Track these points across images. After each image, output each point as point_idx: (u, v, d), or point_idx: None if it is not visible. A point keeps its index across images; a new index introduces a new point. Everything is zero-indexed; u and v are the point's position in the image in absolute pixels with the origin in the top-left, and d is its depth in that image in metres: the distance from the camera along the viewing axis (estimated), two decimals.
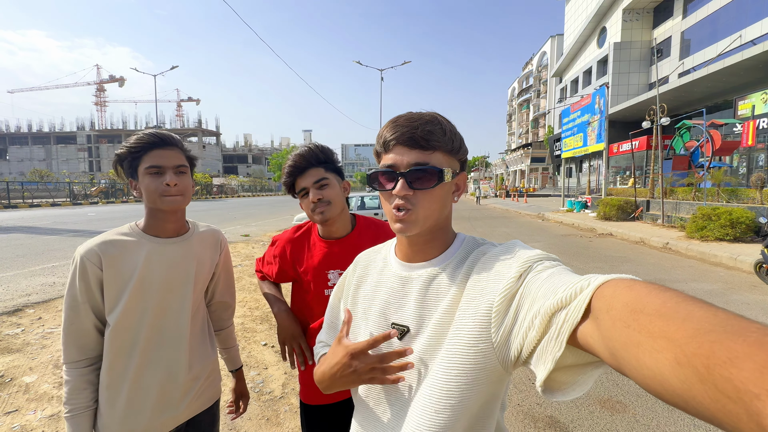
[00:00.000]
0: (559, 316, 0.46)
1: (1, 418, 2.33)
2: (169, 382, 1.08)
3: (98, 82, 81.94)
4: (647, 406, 2.49)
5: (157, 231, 1.08)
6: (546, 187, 45.57)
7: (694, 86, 16.25)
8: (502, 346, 0.54)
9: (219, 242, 1.24)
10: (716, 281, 5.54)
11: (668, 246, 8.31)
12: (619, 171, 24.82)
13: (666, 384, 0.33)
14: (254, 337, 3.59)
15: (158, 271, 1.05)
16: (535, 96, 60.73)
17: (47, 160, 73.36)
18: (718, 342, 0.29)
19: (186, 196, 1.07)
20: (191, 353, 1.13)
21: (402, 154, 0.63)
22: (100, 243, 1.02)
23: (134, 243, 1.04)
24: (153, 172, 1.02)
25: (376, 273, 0.75)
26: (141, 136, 1.04)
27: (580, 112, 17.93)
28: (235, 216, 17.58)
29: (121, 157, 1.04)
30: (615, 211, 13.00)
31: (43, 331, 3.73)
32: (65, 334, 1.01)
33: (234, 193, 51.12)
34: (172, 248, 1.09)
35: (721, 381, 0.28)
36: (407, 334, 0.66)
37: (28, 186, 29.82)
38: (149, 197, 1.03)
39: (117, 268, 1.01)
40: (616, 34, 28.19)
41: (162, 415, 1.08)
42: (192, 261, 1.12)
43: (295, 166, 1.16)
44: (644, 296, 0.38)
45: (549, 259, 0.57)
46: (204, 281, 1.17)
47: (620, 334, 0.37)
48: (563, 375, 0.48)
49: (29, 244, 8.83)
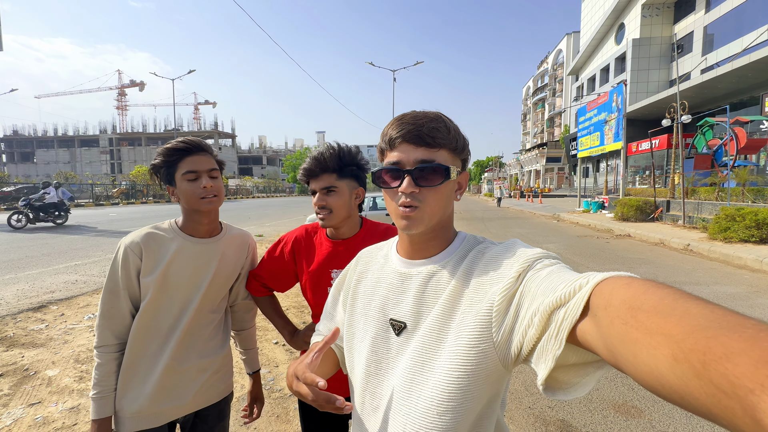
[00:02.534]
0: (558, 314, 0.46)
1: (26, 409, 2.43)
2: (175, 371, 1.12)
3: (119, 86, 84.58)
4: (664, 411, 2.41)
5: (192, 230, 1.17)
6: (562, 188, 44.74)
7: (717, 82, 15.69)
8: (503, 345, 0.54)
9: (247, 245, 1.30)
10: (740, 284, 5.33)
11: (689, 247, 8.04)
12: (637, 171, 24.16)
13: (663, 380, 0.33)
14: (266, 336, 3.65)
15: (183, 267, 1.12)
16: (550, 95, 59.75)
17: (72, 163, 76.09)
18: (714, 338, 0.29)
19: (220, 197, 1.14)
20: (202, 346, 1.18)
21: (408, 151, 0.63)
22: (144, 235, 1.11)
23: (170, 239, 1.13)
24: (190, 178, 1.10)
25: (377, 269, 0.75)
26: (175, 144, 1.11)
27: (596, 110, 17.52)
28: (249, 216, 17.87)
29: (157, 167, 1.13)
30: (633, 211, 12.65)
31: (65, 327, 3.87)
32: (102, 318, 1.08)
33: (249, 194, 51.99)
34: (201, 248, 1.17)
35: (717, 376, 0.28)
36: (404, 330, 0.66)
37: None
38: (188, 200, 1.11)
39: (151, 259, 1.10)
40: (634, 30, 27.48)
41: (167, 402, 1.12)
42: (215, 260, 1.19)
43: (309, 170, 1.19)
44: (642, 293, 0.38)
45: (548, 258, 0.56)
46: (226, 280, 1.22)
47: (618, 331, 0.38)
48: (565, 374, 0.48)
49: (54, 243, 9.18)
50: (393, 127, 0.65)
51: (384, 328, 0.69)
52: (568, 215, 15.90)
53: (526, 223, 14.14)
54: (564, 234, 10.97)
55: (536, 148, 49.78)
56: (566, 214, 16.53)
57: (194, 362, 1.16)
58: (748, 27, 19.58)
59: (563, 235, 10.82)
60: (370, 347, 0.70)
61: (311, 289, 1.24)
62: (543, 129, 63.09)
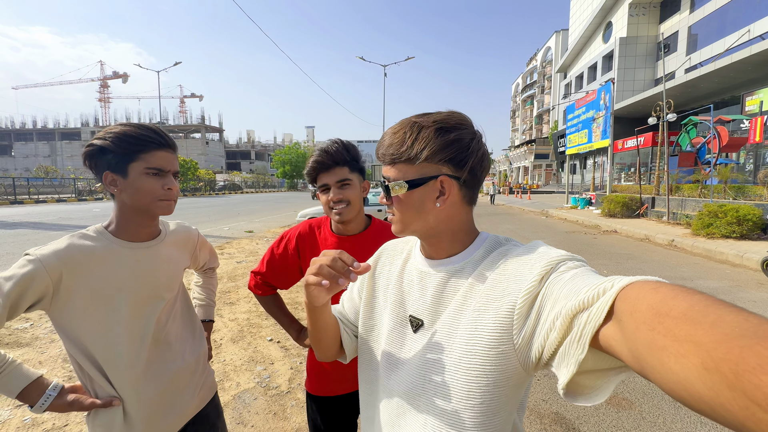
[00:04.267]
0: (581, 318, 0.45)
1: (13, 411, 2.36)
2: (169, 383, 1.06)
3: (102, 78, 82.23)
4: (653, 403, 2.49)
5: (129, 235, 1.01)
6: (550, 184, 45.36)
7: (701, 82, 16.06)
8: (523, 348, 0.54)
9: (190, 237, 1.22)
10: (722, 279, 5.51)
11: (674, 243, 8.26)
12: (623, 168, 24.64)
13: (692, 390, 0.32)
14: (260, 333, 3.62)
15: (125, 279, 0.98)
16: (539, 92, 60.31)
17: (52, 156, 73.81)
18: (748, 347, 0.28)
19: (176, 201, 1.04)
20: (184, 352, 1.11)
21: (384, 169, 0.69)
22: (64, 249, 0.92)
23: (102, 248, 0.96)
24: (153, 173, 0.96)
25: (400, 264, 0.77)
26: (146, 131, 0.95)
27: (585, 108, 17.78)
28: (238, 212, 17.63)
29: (104, 149, 0.92)
30: (620, 207, 12.93)
31: (51, 325, 3.76)
32: None
33: (237, 189, 51.30)
34: (144, 253, 1.03)
35: (751, 388, 0.27)
36: (422, 327, 0.67)
37: (33, 182, 29.99)
38: (142, 199, 0.96)
39: (83, 277, 0.92)
40: (622, 29, 27.87)
41: (166, 418, 1.05)
42: (163, 265, 1.07)
43: (321, 162, 1.16)
44: (670, 299, 0.37)
45: (573, 260, 0.55)
46: (179, 278, 1.14)
47: (645, 337, 0.37)
48: (586, 379, 0.47)
49: (35, 239, 8.90)
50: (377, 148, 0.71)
51: (402, 324, 0.70)
52: (556, 211, 16.15)
53: (515, 219, 14.31)
54: (553, 230, 11.15)
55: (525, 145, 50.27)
56: (555, 210, 16.78)
57: (179, 367, 1.08)
58: (731, 28, 20.08)
59: (552, 230, 10.99)
60: (385, 341, 0.71)
61: None
62: (532, 126, 63.74)
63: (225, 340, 3.45)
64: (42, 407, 0.92)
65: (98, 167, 0.95)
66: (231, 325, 3.80)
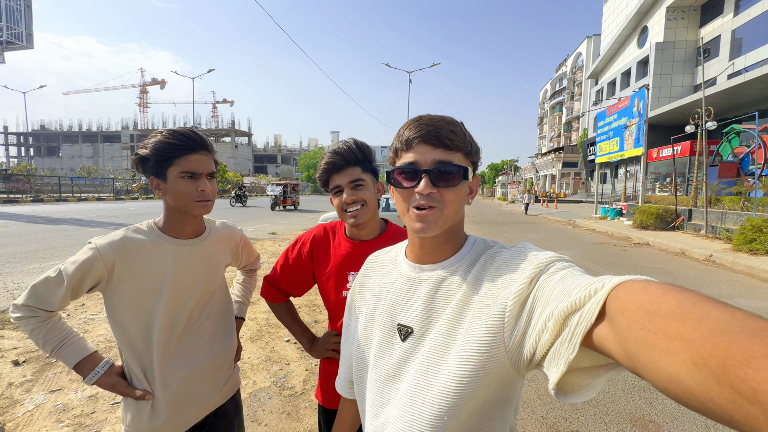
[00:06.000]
0: (572, 319, 0.45)
1: (47, 396, 2.51)
2: (196, 375, 1.10)
3: (141, 84, 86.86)
4: (683, 428, 2.33)
5: (175, 232, 1.08)
6: (578, 193, 43.85)
7: (745, 88, 15.13)
8: (515, 350, 0.53)
9: (234, 236, 1.27)
10: (766, 298, 5.12)
11: (712, 258, 7.77)
12: (657, 178, 23.50)
13: (683, 386, 0.32)
14: (278, 333, 3.68)
15: (169, 273, 1.04)
16: (568, 98, 58.70)
17: (95, 158, 78.60)
18: (735, 342, 0.29)
19: (214, 200, 1.08)
20: (212, 347, 1.15)
21: (425, 152, 0.63)
22: (119, 240, 1.01)
23: (151, 243, 1.04)
24: (188, 176, 1.01)
25: (385, 274, 0.75)
26: (178, 137, 1.00)
27: (616, 115, 17.13)
28: (263, 214, 18.09)
29: (145, 158, 1.01)
30: (653, 219, 12.31)
31: (85, 317, 3.98)
32: (35, 290, 0.97)
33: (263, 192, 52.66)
34: (188, 250, 1.09)
35: (738, 381, 0.28)
36: (411, 335, 0.65)
37: (76, 181, 32.03)
38: (180, 201, 1.02)
39: (129, 266, 1.00)
40: (658, 33, 26.76)
41: (188, 408, 1.10)
42: (205, 262, 1.13)
43: (333, 163, 1.12)
44: (659, 297, 0.37)
45: (561, 261, 0.55)
46: (218, 275, 1.18)
47: (636, 335, 0.37)
48: (576, 377, 0.47)
49: (76, 235, 9.47)
50: (410, 128, 0.65)
51: (390, 334, 0.68)
52: (584, 221, 15.58)
53: (540, 229, 13.91)
54: (580, 240, 10.75)
55: (552, 152, 48.94)
56: (582, 220, 16.20)
57: (207, 361, 1.12)
58: None
59: (579, 241, 10.60)
60: (375, 353, 0.70)
61: (328, 291, 1.20)
62: (560, 133, 61.99)
63: (244, 338, 3.53)
64: (91, 380, 1.02)
65: (145, 173, 1.05)
66: (250, 324, 3.89)
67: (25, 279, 5.36)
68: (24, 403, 2.42)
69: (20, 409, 2.35)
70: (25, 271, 5.77)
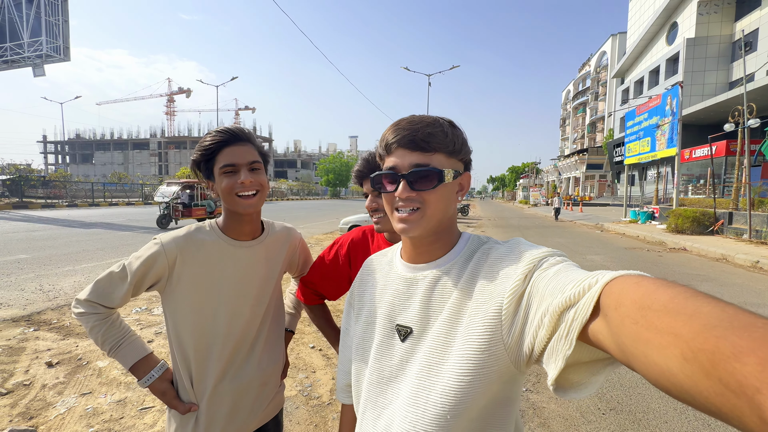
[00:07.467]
0: (567, 314, 0.45)
1: (78, 399, 2.52)
2: (242, 389, 1.04)
3: (169, 93, 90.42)
4: None
5: (234, 233, 1.05)
6: (603, 196, 42.34)
7: None
8: (514, 347, 0.54)
9: (292, 239, 1.21)
10: None
11: (759, 265, 7.24)
12: (690, 179, 22.38)
13: (674, 380, 0.33)
14: (302, 339, 3.62)
15: (226, 275, 1.01)
16: (592, 99, 57.11)
17: (125, 164, 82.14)
18: (723, 337, 0.29)
19: (262, 193, 1.01)
20: (261, 359, 1.08)
21: (403, 156, 0.64)
22: (183, 237, 1.00)
23: (212, 243, 1.02)
24: (227, 171, 0.97)
25: (382, 276, 0.75)
26: (213, 134, 0.99)
27: (647, 114, 16.40)
28: (284, 218, 18.31)
29: (196, 162, 1.01)
30: (689, 223, 11.66)
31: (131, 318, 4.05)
32: (98, 285, 0.97)
33: (283, 196, 53.57)
34: (245, 252, 1.05)
35: (726, 375, 0.28)
36: (410, 335, 0.65)
37: (108, 187, 33.52)
38: (224, 198, 0.99)
39: (191, 266, 0.99)
40: (689, 29, 25.67)
41: (230, 425, 1.04)
42: (262, 266, 1.08)
43: (361, 172, 1.16)
44: (652, 292, 0.38)
45: (554, 256, 0.56)
46: (273, 281, 1.12)
47: (629, 330, 0.37)
48: (575, 373, 0.48)
49: (107, 238, 9.82)
50: (390, 133, 0.66)
51: (389, 335, 0.68)
52: (612, 225, 14.97)
53: (565, 233, 13.44)
54: (610, 245, 10.29)
55: (576, 154, 47.51)
56: (610, 224, 15.57)
57: (254, 375, 1.06)
58: None
59: (609, 246, 10.15)
60: (374, 355, 0.69)
61: None
62: (584, 134, 60.27)
63: None
64: (146, 383, 0.99)
65: (202, 178, 1.04)
66: None
67: (59, 281, 5.54)
68: (56, 405, 2.44)
69: (52, 412, 2.36)
70: (60, 274, 5.97)
